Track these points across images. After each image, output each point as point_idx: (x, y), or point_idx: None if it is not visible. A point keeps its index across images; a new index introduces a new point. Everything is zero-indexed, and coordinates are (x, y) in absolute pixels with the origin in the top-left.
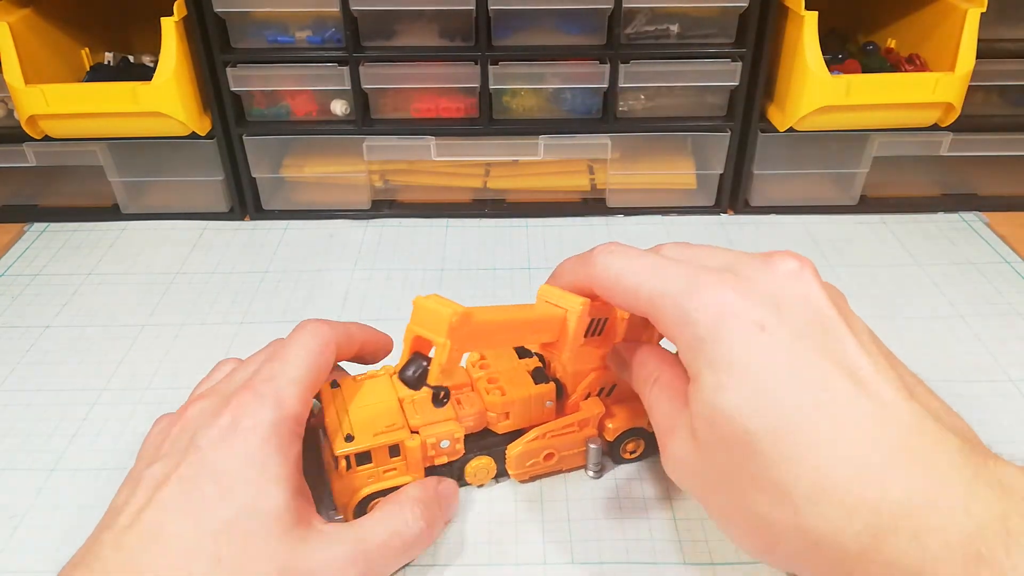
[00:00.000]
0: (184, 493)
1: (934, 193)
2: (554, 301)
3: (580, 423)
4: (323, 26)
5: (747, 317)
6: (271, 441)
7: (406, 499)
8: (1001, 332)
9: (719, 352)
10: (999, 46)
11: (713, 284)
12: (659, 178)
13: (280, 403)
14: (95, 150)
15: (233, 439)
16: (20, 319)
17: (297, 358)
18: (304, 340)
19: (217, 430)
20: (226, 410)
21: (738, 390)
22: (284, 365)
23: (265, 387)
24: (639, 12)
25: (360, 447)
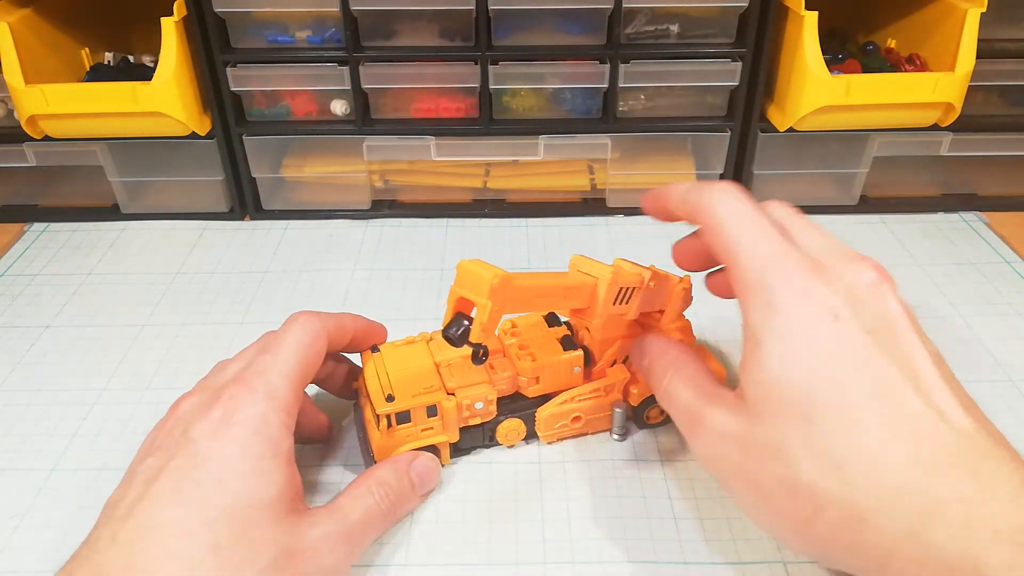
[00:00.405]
0: (178, 484)
1: (934, 193)
2: (585, 270)
3: (606, 388)
4: (323, 26)
5: (825, 304)
6: (263, 433)
7: (372, 481)
8: (1001, 332)
9: (791, 326)
10: (999, 46)
11: (801, 268)
12: (659, 178)
13: (271, 396)
14: (95, 150)
15: (226, 431)
16: (20, 319)
17: (288, 351)
18: (295, 333)
19: (209, 423)
20: (218, 403)
21: (804, 362)
22: (275, 358)
23: (257, 380)
24: (639, 12)
25: (400, 407)
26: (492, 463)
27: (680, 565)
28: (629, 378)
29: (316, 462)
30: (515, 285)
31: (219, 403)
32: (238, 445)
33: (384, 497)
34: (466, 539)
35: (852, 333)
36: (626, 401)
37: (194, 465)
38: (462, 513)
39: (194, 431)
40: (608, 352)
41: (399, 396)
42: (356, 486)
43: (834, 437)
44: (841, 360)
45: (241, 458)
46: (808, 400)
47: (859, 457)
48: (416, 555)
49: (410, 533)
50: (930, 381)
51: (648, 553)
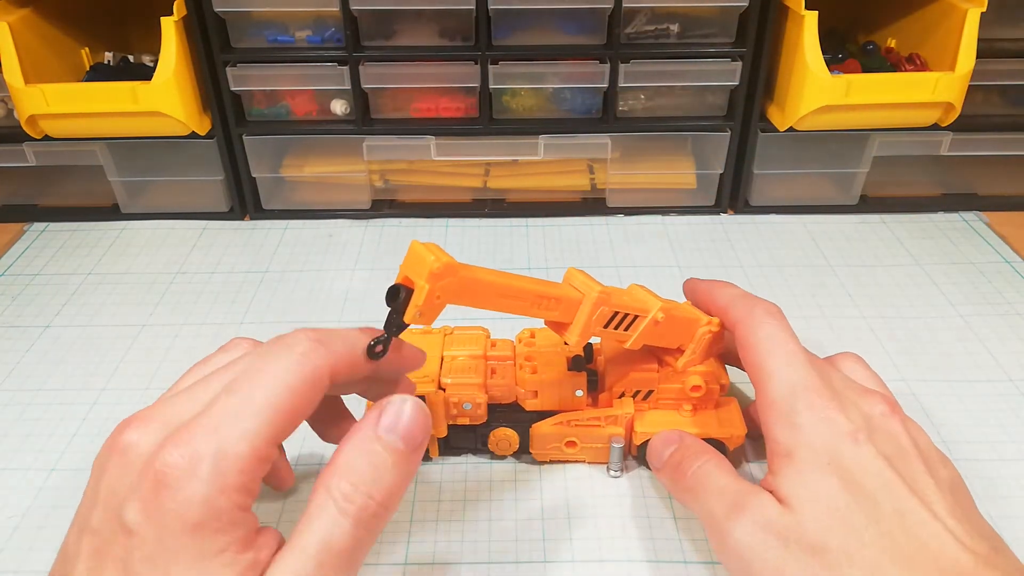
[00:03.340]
0: None
1: (934, 193)
2: (576, 284)
3: (607, 419)
4: (323, 26)
5: (845, 429)
6: (206, 525)
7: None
8: (1001, 332)
9: (817, 445)
10: (999, 46)
11: (823, 397)
12: (659, 178)
13: (220, 472)
14: (95, 150)
15: (162, 517)
16: (20, 319)
17: (262, 399)
18: (283, 368)
19: (143, 502)
20: (153, 474)
21: (835, 475)
22: (242, 408)
23: (206, 445)
24: (639, 12)
25: None
26: (492, 462)
27: (680, 565)
28: (634, 414)
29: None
30: (463, 276)
31: (154, 474)
32: (177, 536)
33: (351, 496)
34: (465, 538)
35: (872, 455)
36: (629, 439)
37: (131, 559)
38: (461, 512)
39: (128, 512)
40: (619, 383)
41: None
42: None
43: (873, 548)
44: (864, 478)
45: (183, 551)
46: (848, 506)
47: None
48: (416, 554)
49: (410, 532)
50: (947, 506)
51: (648, 553)
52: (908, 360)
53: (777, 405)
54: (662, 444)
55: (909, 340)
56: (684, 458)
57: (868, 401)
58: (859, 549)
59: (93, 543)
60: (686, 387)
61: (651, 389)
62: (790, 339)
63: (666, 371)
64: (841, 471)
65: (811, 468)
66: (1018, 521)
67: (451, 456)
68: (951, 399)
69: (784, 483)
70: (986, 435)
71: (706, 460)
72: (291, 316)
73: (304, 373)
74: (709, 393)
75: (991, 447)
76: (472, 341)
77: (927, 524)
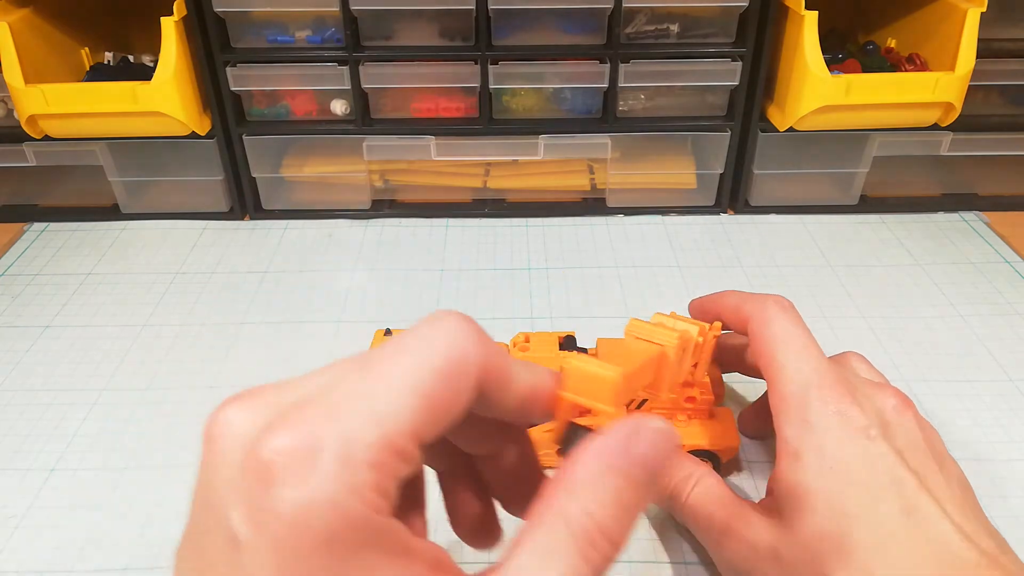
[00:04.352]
0: None
1: (934, 193)
2: (645, 336)
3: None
4: (323, 26)
5: (858, 424)
6: (338, 539)
7: (575, 517)
8: (1001, 332)
9: (827, 442)
10: (999, 46)
11: (836, 391)
12: (659, 178)
13: (345, 465)
14: (95, 150)
15: (270, 525)
16: (20, 319)
17: (404, 372)
18: (428, 347)
19: (248, 507)
20: (253, 464)
21: (840, 476)
22: (376, 382)
23: (324, 427)
24: (639, 12)
25: None
26: None
27: (680, 565)
28: None
29: None
30: (628, 378)
31: (257, 466)
32: (301, 554)
33: (599, 543)
34: None
35: (883, 451)
36: None
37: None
38: None
39: (232, 518)
40: None
41: None
42: (541, 525)
43: (869, 549)
44: (874, 475)
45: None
46: (844, 512)
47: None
48: None
49: None
50: (956, 503)
51: (648, 553)
52: (908, 360)
53: (789, 400)
54: None
55: (909, 340)
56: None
57: (881, 395)
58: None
59: (196, 566)
60: (680, 398)
61: (645, 398)
62: (803, 334)
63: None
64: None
65: (815, 474)
66: (1019, 521)
67: None
68: (951, 399)
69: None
70: (986, 435)
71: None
72: (291, 316)
73: (452, 355)
74: (703, 404)
75: (991, 447)
76: None
77: (936, 521)
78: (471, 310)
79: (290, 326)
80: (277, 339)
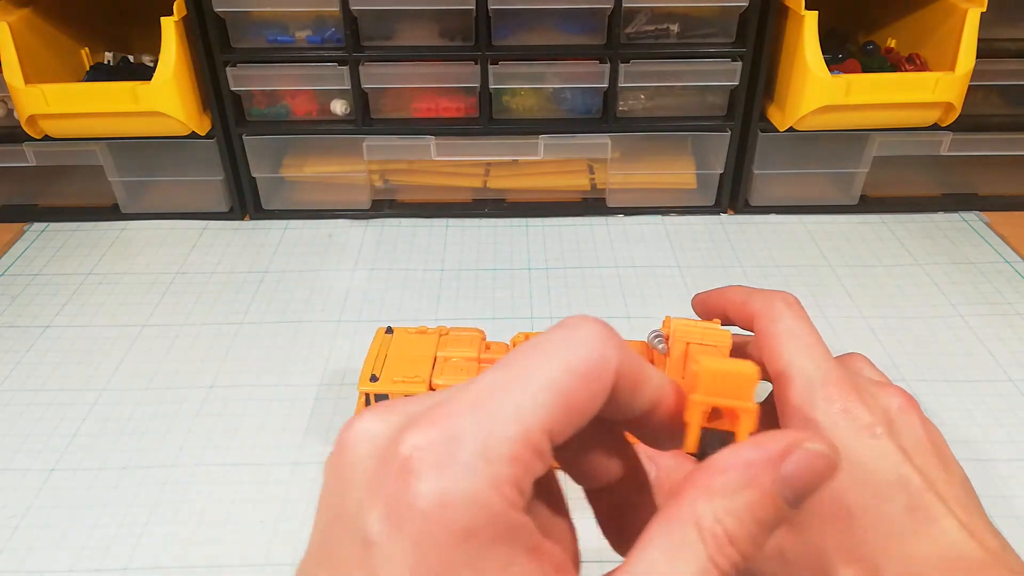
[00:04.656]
0: None
1: (934, 193)
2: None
3: None
4: (323, 26)
5: (863, 421)
6: (477, 533)
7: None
8: (1001, 332)
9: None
10: (999, 46)
11: (842, 389)
12: (659, 178)
13: (487, 459)
14: (95, 150)
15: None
16: (20, 319)
17: (543, 372)
18: (565, 347)
19: (386, 507)
20: (395, 465)
21: (846, 473)
22: (515, 380)
23: (465, 422)
24: (639, 12)
25: (380, 389)
26: None
27: None
28: None
29: None
30: None
31: (400, 465)
32: (440, 547)
33: (726, 551)
34: None
35: (889, 449)
36: None
37: None
38: None
39: (369, 520)
40: None
41: (384, 379)
42: (672, 519)
43: (874, 546)
44: (879, 472)
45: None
46: (849, 510)
47: (897, 567)
48: None
49: None
50: (962, 502)
51: None
52: (908, 360)
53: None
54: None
55: (909, 340)
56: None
57: (886, 394)
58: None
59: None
60: None
61: None
62: (810, 332)
63: None
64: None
65: None
66: (1020, 521)
67: None
68: (951, 399)
69: None
70: (986, 435)
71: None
72: (291, 316)
73: (591, 357)
74: None
75: (991, 447)
76: (467, 342)
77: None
78: (471, 310)
79: (290, 326)
80: (277, 339)
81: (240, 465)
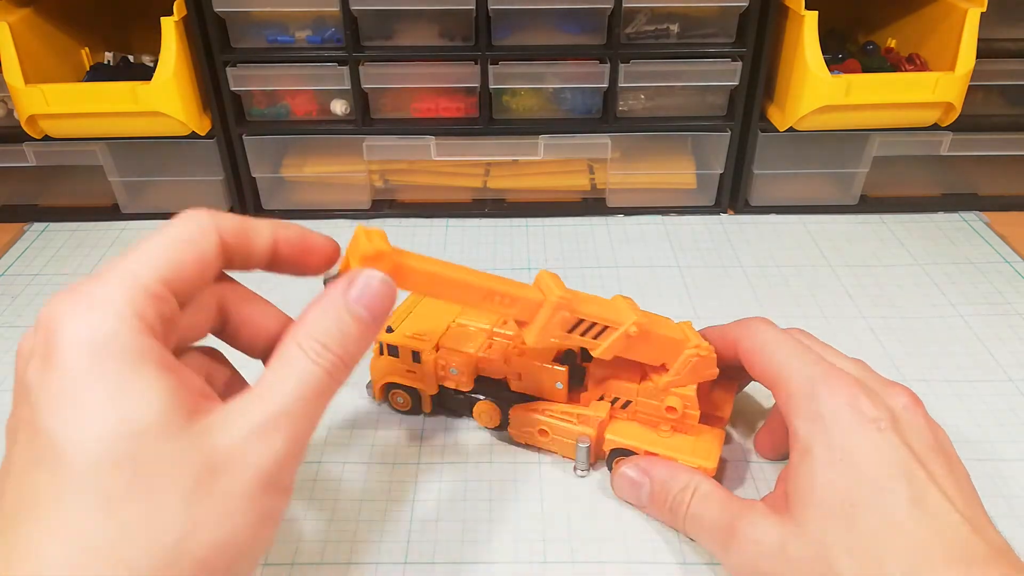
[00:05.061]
0: (34, 451)
1: (934, 193)
2: (541, 286)
3: (579, 417)
4: (323, 26)
5: (869, 415)
6: (106, 348)
7: (300, 337)
8: (1001, 332)
9: (838, 434)
10: (999, 46)
11: (846, 384)
12: (659, 178)
13: (105, 299)
14: (95, 150)
15: (55, 362)
16: (20, 319)
17: (150, 245)
18: (169, 229)
19: (37, 357)
20: (39, 325)
21: (851, 467)
22: (128, 255)
23: (84, 286)
24: (639, 12)
25: (392, 340)
26: (492, 462)
27: (680, 565)
28: (606, 419)
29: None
30: (396, 262)
31: (40, 325)
32: (75, 375)
33: (322, 353)
34: (465, 538)
35: (894, 444)
36: (599, 443)
37: (38, 418)
38: (462, 511)
39: (28, 372)
40: (598, 386)
41: (398, 331)
42: (281, 350)
43: (876, 538)
44: (884, 467)
45: (87, 389)
46: (852, 503)
47: (900, 558)
48: (416, 553)
49: (410, 531)
50: (965, 498)
51: (648, 553)
52: (908, 360)
53: (797, 394)
54: (630, 486)
55: (909, 340)
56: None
57: (892, 392)
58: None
59: (11, 424)
60: (662, 407)
61: (628, 399)
62: (797, 342)
63: (646, 386)
64: (858, 466)
65: (824, 466)
66: (1020, 521)
67: (442, 414)
68: (951, 399)
69: (797, 483)
70: (986, 435)
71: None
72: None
73: (188, 225)
74: (685, 418)
75: (991, 447)
76: (486, 315)
77: (946, 513)
78: None
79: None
80: None
81: None
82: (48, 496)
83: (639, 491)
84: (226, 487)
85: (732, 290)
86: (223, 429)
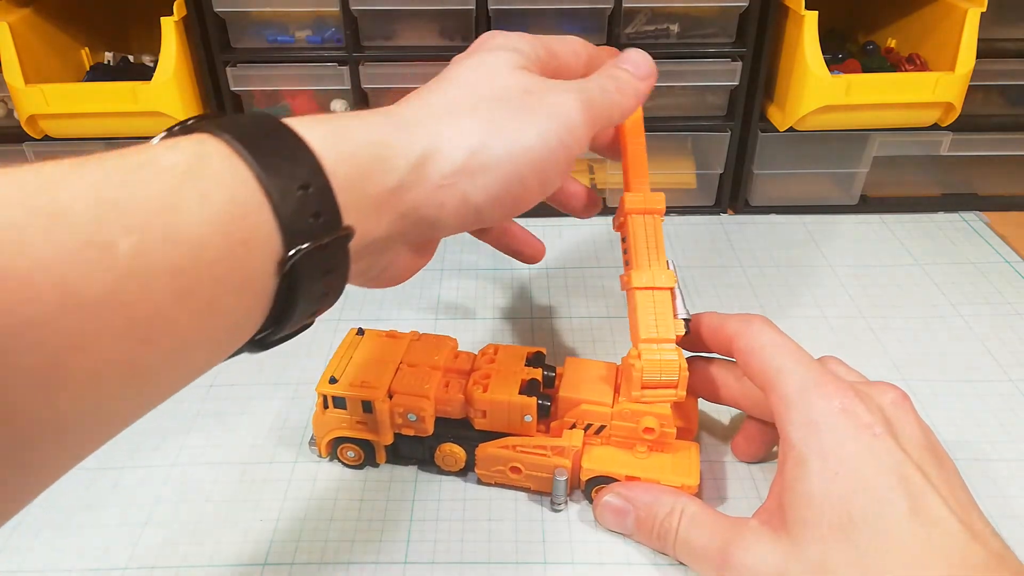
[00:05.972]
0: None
1: (934, 193)
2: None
3: (553, 449)
4: (323, 26)
5: (863, 420)
6: (502, 60)
7: (611, 69)
8: (1001, 332)
9: (832, 442)
10: (999, 46)
11: (838, 388)
12: (659, 178)
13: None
14: (95, 150)
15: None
16: None
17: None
18: None
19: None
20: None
21: (847, 478)
22: None
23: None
24: (639, 12)
25: (337, 391)
26: None
27: (680, 566)
28: (581, 448)
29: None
30: None
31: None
32: (485, 64)
33: (622, 86)
34: (466, 538)
35: (889, 448)
36: (575, 473)
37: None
38: (462, 512)
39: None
40: (569, 413)
41: (343, 381)
42: (609, 66)
43: (877, 554)
44: (882, 475)
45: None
46: (850, 516)
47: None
48: (416, 553)
49: (410, 531)
50: (959, 499)
51: (647, 554)
52: (908, 360)
53: (791, 400)
54: (614, 515)
55: (909, 340)
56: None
57: (878, 390)
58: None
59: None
60: (639, 428)
61: (603, 424)
62: (792, 343)
63: (620, 408)
64: (854, 475)
65: (821, 479)
66: (1019, 521)
67: (399, 464)
68: (951, 399)
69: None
70: (986, 435)
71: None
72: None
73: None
74: (663, 436)
75: (991, 447)
76: (436, 350)
77: (945, 521)
78: (472, 310)
79: None
80: None
81: (240, 464)
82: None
83: (624, 519)
84: (540, 101)
85: (732, 290)
86: (559, 90)
